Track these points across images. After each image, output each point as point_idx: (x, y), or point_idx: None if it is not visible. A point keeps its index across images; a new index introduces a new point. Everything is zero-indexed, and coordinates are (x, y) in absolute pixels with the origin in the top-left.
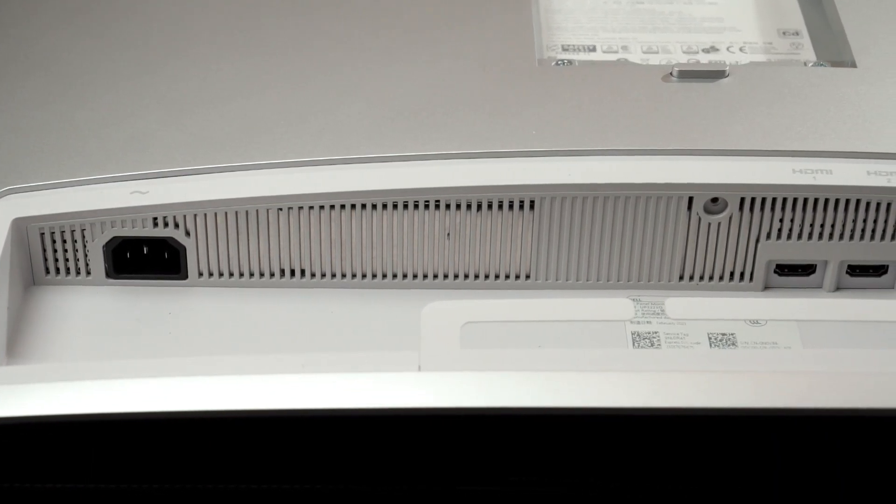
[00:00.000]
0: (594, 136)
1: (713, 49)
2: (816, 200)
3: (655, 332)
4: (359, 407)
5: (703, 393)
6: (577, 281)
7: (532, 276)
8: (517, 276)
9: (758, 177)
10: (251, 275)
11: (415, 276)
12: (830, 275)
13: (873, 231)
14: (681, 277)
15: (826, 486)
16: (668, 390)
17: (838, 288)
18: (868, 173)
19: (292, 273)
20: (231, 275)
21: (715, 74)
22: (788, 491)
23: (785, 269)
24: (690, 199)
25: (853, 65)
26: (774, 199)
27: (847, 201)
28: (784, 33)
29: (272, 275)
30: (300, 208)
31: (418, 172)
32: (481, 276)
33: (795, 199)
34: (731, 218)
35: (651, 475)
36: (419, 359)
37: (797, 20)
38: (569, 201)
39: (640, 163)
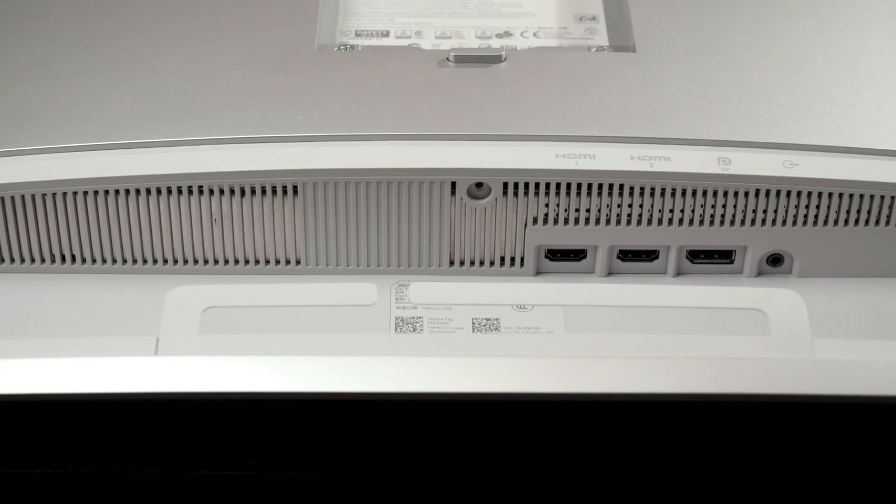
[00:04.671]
0: (361, 121)
1: (507, 34)
2: (580, 185)
3: (419, 318)
4: (86, 391)
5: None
6: (347, 266)
7: (302, 261)
8: (287, 262)
9: (520, 161)
10: (22, 260)
11: (185, 262)
12: (601, 260)
13: (640, 216)
14: (451, 263)
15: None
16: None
17: (610, 273)
18: (631, 158)
19: (63, 259)
20: (2, 260)
21: (490, 59)
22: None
23: (557, 255)
24: (454, 184)
25: (634, 49)
26: (538, 184)
27: (611, 186)
28: (581, 18)
29: (43, 260)
30: (65, 194)
31: (184, 158)
32: (251, 261)
33: (559, 184)
34: (496, 203)
35: (393, 456)
36: (157, 343)
37: (596, 5)
38: (332, 186)
39: (403, 148)
